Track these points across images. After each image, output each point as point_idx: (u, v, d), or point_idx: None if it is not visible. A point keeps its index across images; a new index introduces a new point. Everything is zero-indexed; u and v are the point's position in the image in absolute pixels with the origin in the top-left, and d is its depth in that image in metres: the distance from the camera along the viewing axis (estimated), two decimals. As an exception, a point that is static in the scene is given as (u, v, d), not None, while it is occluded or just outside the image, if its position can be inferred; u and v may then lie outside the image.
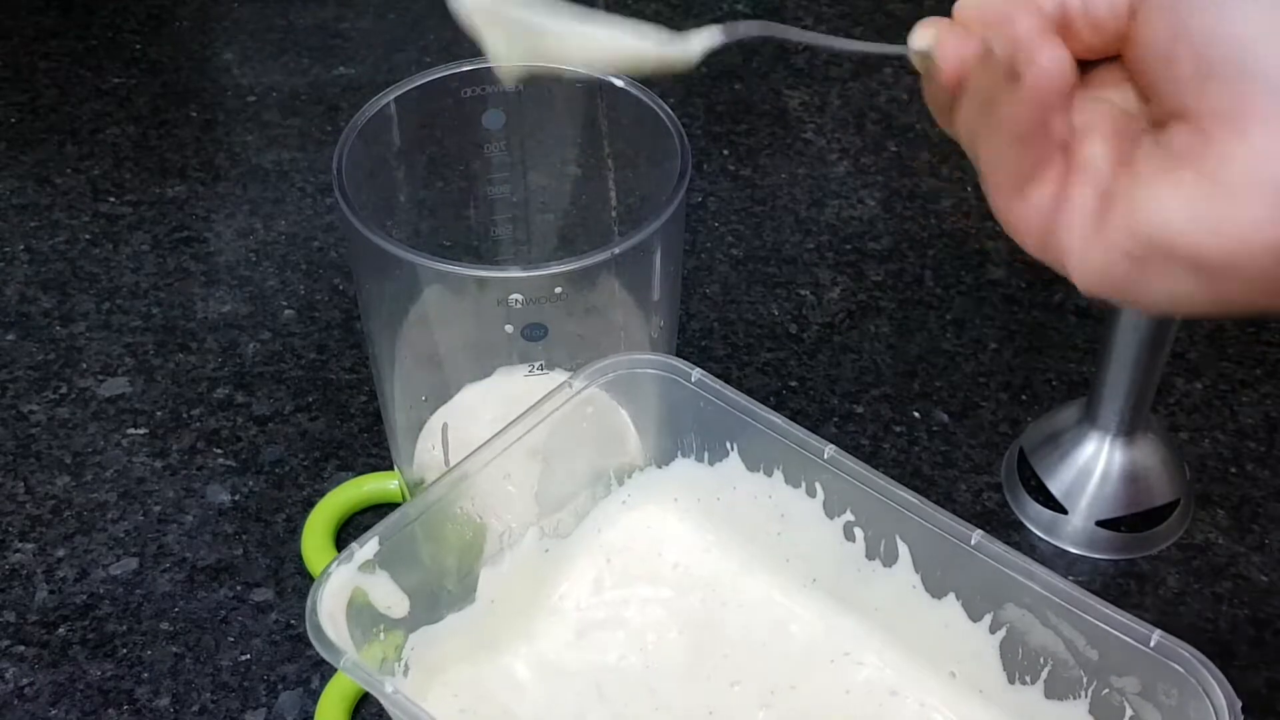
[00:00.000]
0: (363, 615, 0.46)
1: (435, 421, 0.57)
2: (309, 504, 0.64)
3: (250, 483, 0.66)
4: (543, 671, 0.50)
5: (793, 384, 0.70)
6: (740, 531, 0.54)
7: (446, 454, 0.56)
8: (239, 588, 0.62)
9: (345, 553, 0.46)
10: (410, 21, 0.93)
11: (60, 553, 0.63)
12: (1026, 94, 0.36)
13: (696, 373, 0.51)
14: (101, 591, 0.61)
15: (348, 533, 0.64)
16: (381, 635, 0.47)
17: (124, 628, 0.60)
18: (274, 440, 0.67)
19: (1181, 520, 0.64)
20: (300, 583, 0.62)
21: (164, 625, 0.60)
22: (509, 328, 0.53)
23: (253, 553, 0.63)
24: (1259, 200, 0.33)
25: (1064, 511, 0.64)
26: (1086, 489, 0.64)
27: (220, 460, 0.67)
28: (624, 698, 0.50)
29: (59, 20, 0.93)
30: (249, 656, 0.59)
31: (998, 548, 0.47)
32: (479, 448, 0.49)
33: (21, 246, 0.78)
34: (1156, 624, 0.45)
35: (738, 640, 0.52)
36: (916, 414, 0.69)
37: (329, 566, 0.45)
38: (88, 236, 0.78)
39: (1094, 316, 0.73)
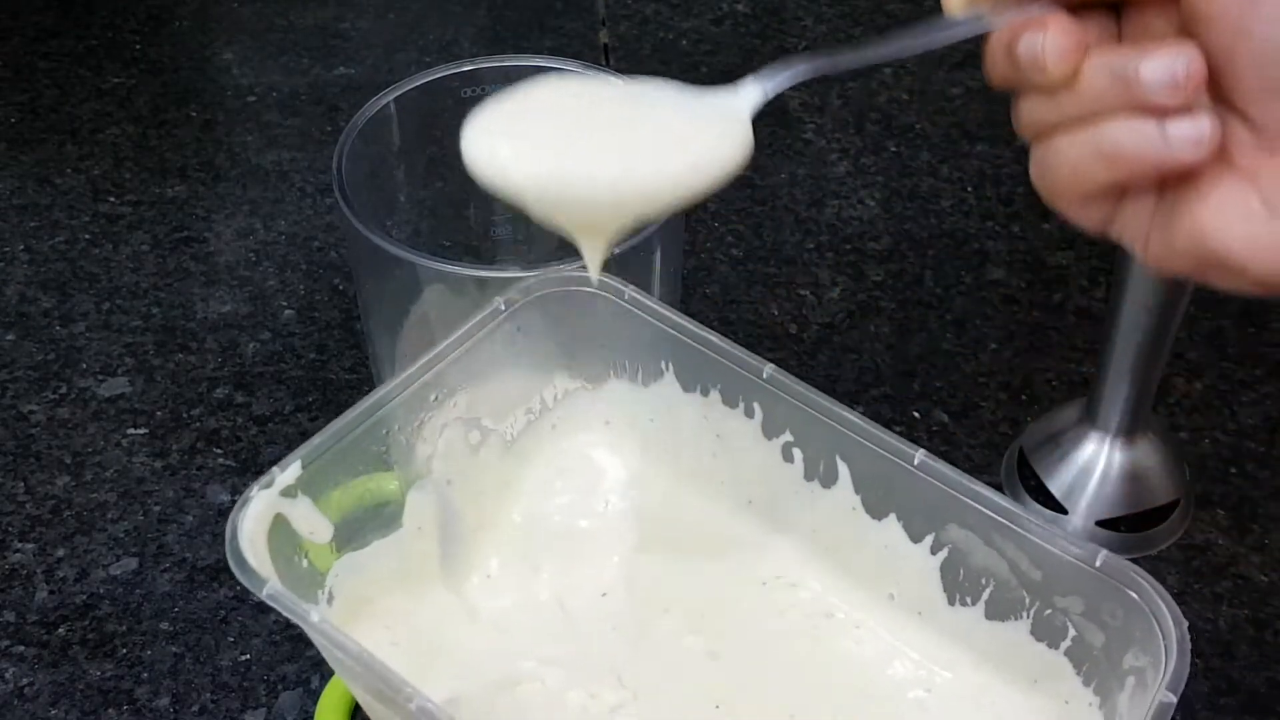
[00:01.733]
0: (284, 542, 0.44)
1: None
2: (309, 504, 0.64)
3: (250, 483, 0.65)
4: (474, 603, 0.49)
5: (793, 384, 0.70)
6: (675, 453, 0.52)
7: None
8: (239, 588, 0.61)
9: (265, 477, 0.44)
10: (410, 21, 0.93)
11: (60, 553, 0.63)
12: (1169, 145, 0.34)
13: (630, 290, 0.49)
14: (101, 591, 0.61)
15: (348, 533, 0.64)
16: (304, 562, 0.45)
17: (124, 628, 0.60)
18: (274, 440, 0.67)
19: (1181, 520, 0.64)
20: (300, 583, 0.62)
21: (164, 625, 0.60)
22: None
23: (253, 553, 0.63)
24: None
25: (1064, 511, 0.64)
26: (1086, 489, 0.64)
27: (220, 460, 0.67)
28: (555, 628, 0.49)
29: (59, 20, 0.93)
30: (249, 656, 0.59)
31: (942, 467, 0.45)
32: (409, 368, 0.47)
33: (21, 246, 0.78)
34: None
35: (671, 566, 0.50)
36: (916, 414, 0.69)
37: (248, 490, 0.43)
38: (88, 236, 0.78)
39: (1094, 316, 0.73)
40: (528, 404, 0.52)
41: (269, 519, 0.44)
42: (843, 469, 0.48)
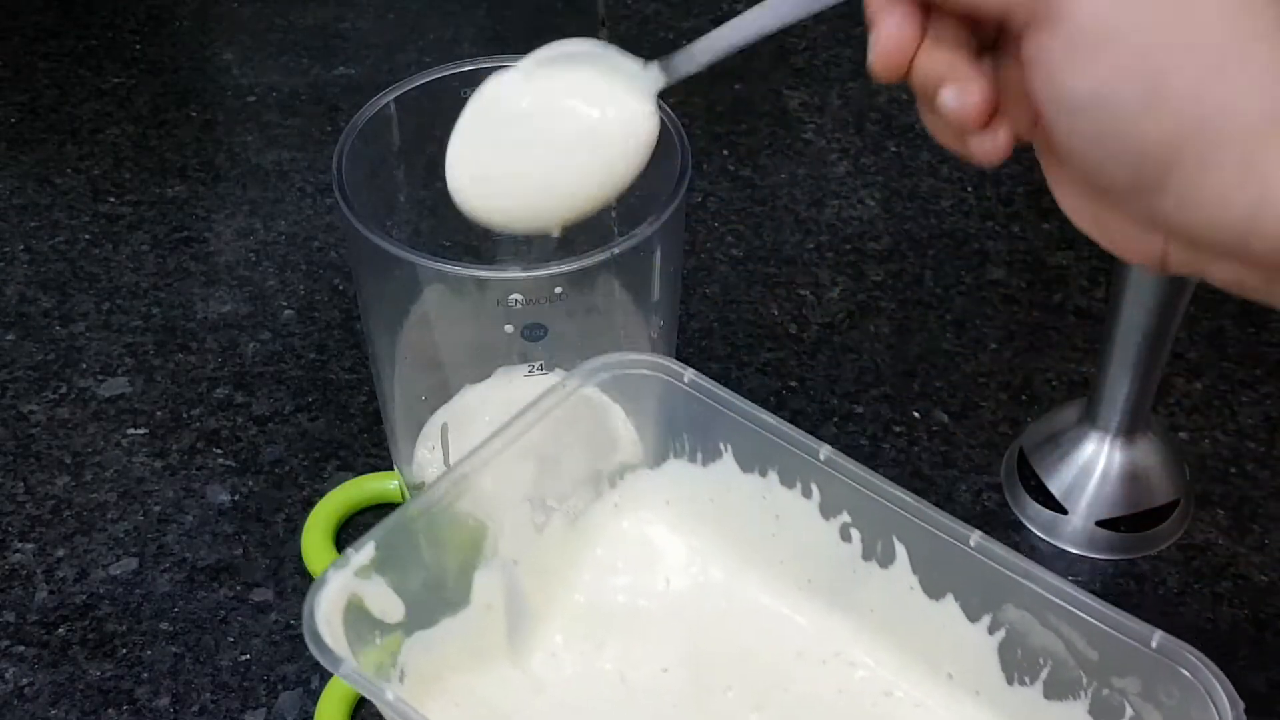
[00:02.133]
0: (359, 621, 0.46)
1: (435, 422, 0.57)
2: (309, 504, 0.64)
3: (250, 483, 0.66)
4: (540, 679, 0.50)
5: (793, 384, 0.70)
6: (734, 533, 0.53)
7: (446, 454, 0.56)
8: (239, 588, 0.61)
9: (341, 558, 0.45)
10: (410, 21, 0.93)
11: (60, 553, 0.63)
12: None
13: (689, 373, 0.51)
14: (101, 591, 0.61)
15: (347, 533, 0.64)
16: (378, 641, 0.47)
17: (124, 628, 0.60)
18: (274, 440, 0.67)
19: (1181, 520, 0.64)
20: (300, 583, 0.62)
21: (164, 625, 0.60)
22: (509, 328, 0.53)
23: (252, 553, 0.63)
24: None
25: (1064, 511, 0.64)
26: (1086, 489, 0.64)
27: (220, 460, 0.67)
28: (619, 704, 0.50)
29: (59, 20, 0.93)
30: (249, 656, 0.59)
31: (997, 549, 0.46)
32: (474, 450, 0.49)
33: (21, 246, 0.78)
34: (1156, 624, 0.45)
35: (731, 643, 0.51)
36: (916, 414, 0.69)
37: (325, 572, 0.45)
38: (88, 236, 0.78)
39: (1094, 316, 0.73)
40: (590, 484, 0.53)
41: (344, 599, 0.45)
42: (900, 549, 0.49)
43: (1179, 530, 0.64)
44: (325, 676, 0.58)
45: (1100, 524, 0.63)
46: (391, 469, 0.64)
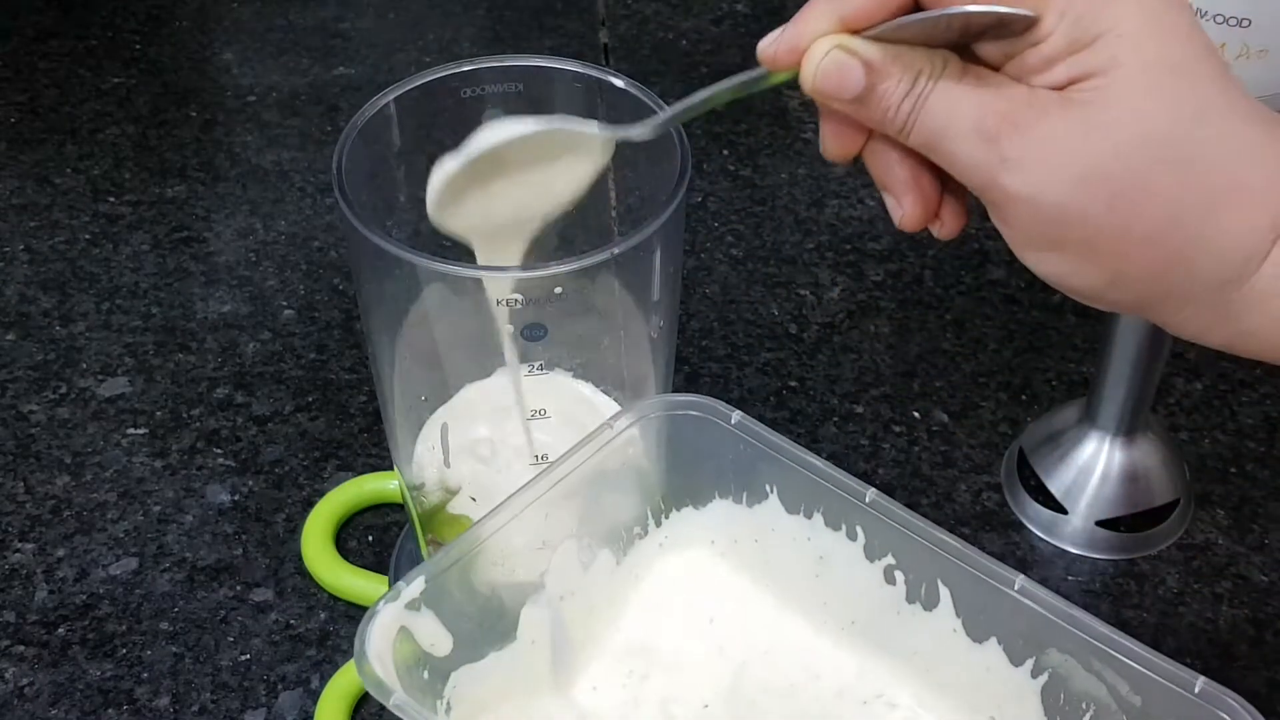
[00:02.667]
0: (407, 653, 0.46)
1: (435, 421, 0.57)
2: (309, 504, 0.64)
3: (250, 483, 0.66)
4: (583, 712, 0.50)
5: (793, 384, 0.70)
6: (778, 574, 0.53)
7: (446, 454, 0.56)
8: (239, 588, 0.61)
9: (392, 591, 0.46)
10: (410, 21, 0.93)
11: (60, 553, 0.63)
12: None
13: (736, 415, 0.51)
14: (101, 591, 0.61)
15: (347, 533, 0.64)
16: (425, 673, 0.47)
17: (124, 628, 0.60)
18: (274, 440, 0.67)
19: (1181, 520, 0.64)
20: (300, 583, 0.62)
21: (164, 625, 0.60)
22: (509, 328, 0.53)
23: (252, 553, 0.63)
24: None
25: (1064, 511, 0.64)
26: (1086, 489, 0.64)
27: (220, 460, 0.67)
28: None
29: (59, 20, 0.93)
30: (249, 656, 0.59)
31: (1041, 593, 0.46)
32: (522, 487, 0.49)
33: (21, 246, 0.78)
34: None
35: (773, 681, 0.51)
36: (916, 414, 0.69)
37: (376, 604, 0.45)
38: (88, 236, 0.78)
39: (1094, 316, 0.73)
40: (636, 523, 0.54)
41: (394, 631, 0.46)
42: (944, 592, 0.49)
43: (1179, 530, 0.64)
44: (325, 676, 0.58)
45: (1100, 524, 0.63)
46: (391, 469, 0.64)
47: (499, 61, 0.55)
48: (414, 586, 0.46)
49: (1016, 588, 0.47)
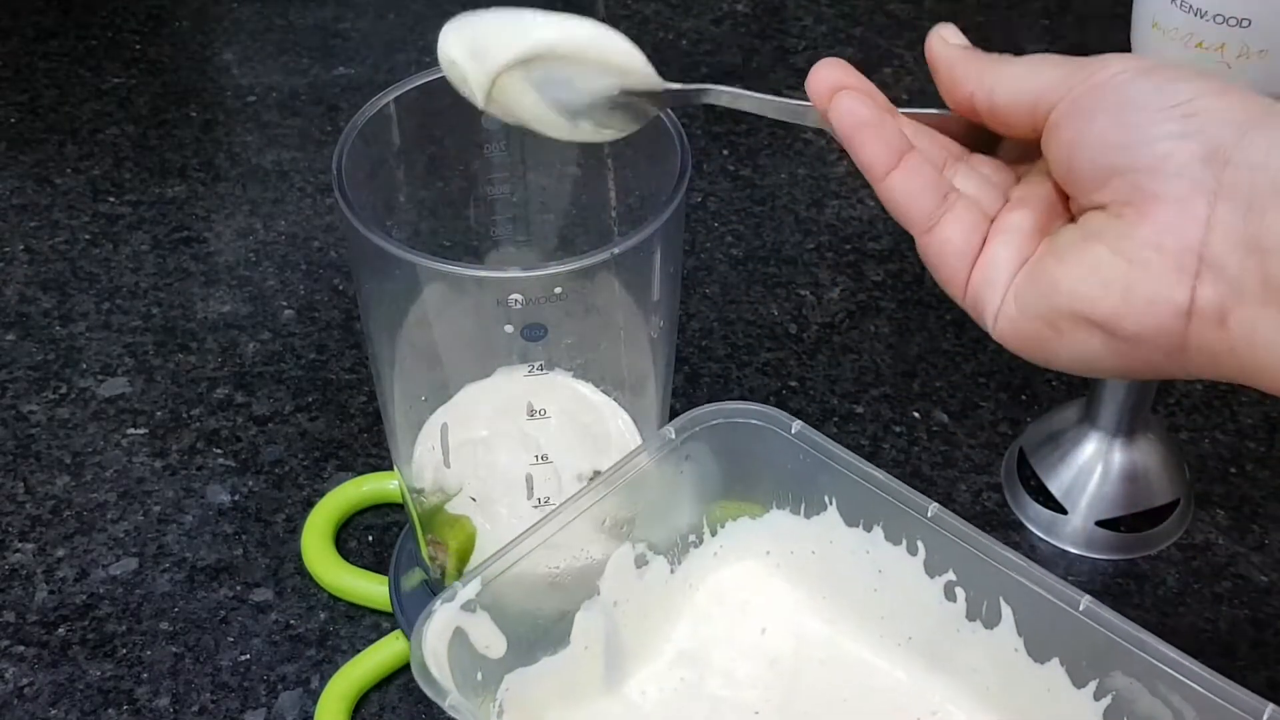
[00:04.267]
0: (462, 654, 0.46)
1: (435, 421, 0.57)
2: (309, 504, 0.64)
3: (250, 483, 0.66)
4: (634, 715, 0.50)
5: (793, 384, 0.70)
6: (834, 586, 0.53)
7: (446, 454, 0.56)
8: (239, 588, 0.61)
9: (448, 591, 0.45)
10: (410, 21, 0.93)
11: (60, 553, 0.63)
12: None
13: (797, 424, 0.51)
14: (101, 591, 0.61)
15: (347, 533, 0.64)
16: (479, 675, 0.47)
17: (124, 628, 0.60)
18: (274, 440, 0.67)
19: (1181, 520, 0.64)
20: (300, 583, 0.62)
21: (164, 625, 0.60)
22: (509, 328, 0.53)
23: (252, 553, 0.63)
24: (1164, 267, 0.38)
25: (1064, 511, 0.64)
26: (1086, 489, 0.64)
27: (220, 460, 0.67)
28: None
29: (59, 20, 0.93)
30: (249, 656, 0.59)
31: (1107, 614, 0.46)
32: (578, 491, 0.49)
33: (21, 246, 0.78)
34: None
35: (826, 694, 0.51)
36: (916, 414, 0.69)
37: (432, 604, 0.45)
38: (88, 236, 0.78)
39: (1094, 316, 0.73)
40: (692, 531, 0.53)
41: (449, 631, 0.45)
42: (1006, 610, 0.48)
43: (1179, 530, 0.64)
44: (325, 676, 0.58)
45: (1100, 524, 0.63)
46: (391, 469, 0.64)
47: (499, 61, 0.55)
48: (470, 588, 0.46)
49: (1081, 608, 0.46)
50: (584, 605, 0.50)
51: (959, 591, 0.50)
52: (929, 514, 0.49)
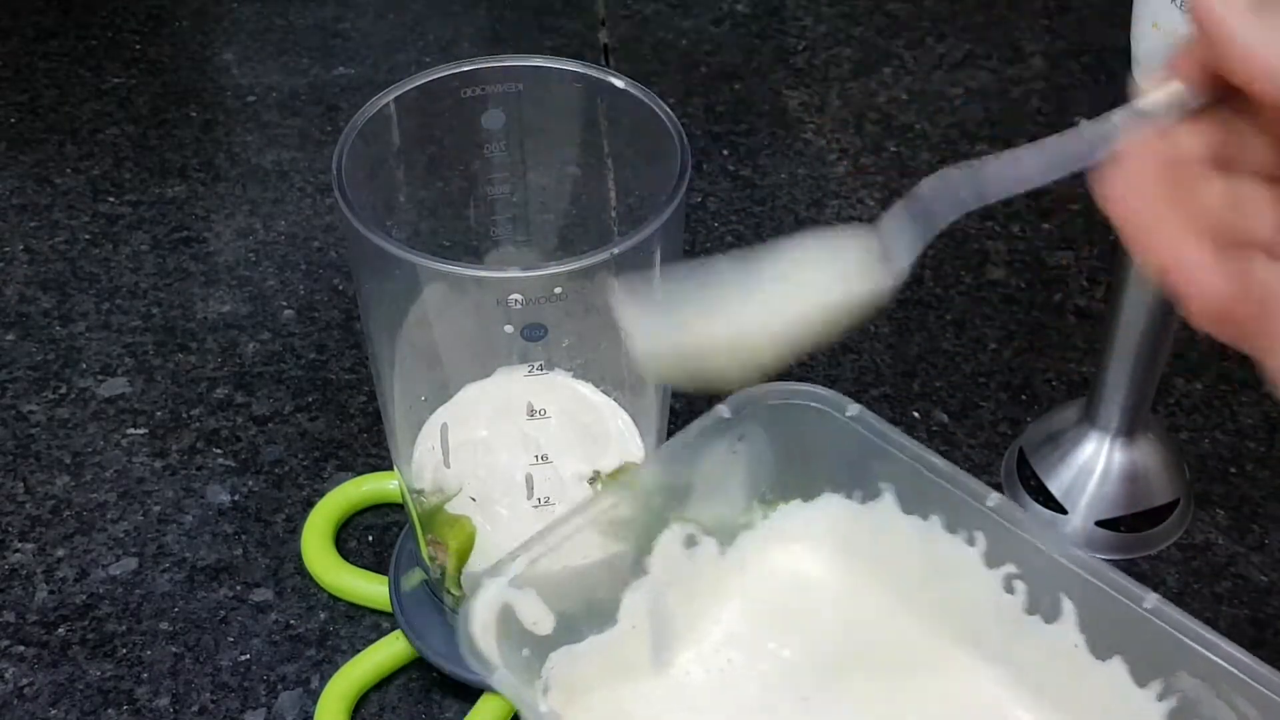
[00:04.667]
0: (509, 631, 0.45)
1: (435, 421, 0.57)
2: (309, 504, 0.64)
3: (250, 483, 0.66)
4: (679, 701, 0.49)
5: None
6: (889, 574, 0.52)
7: (446, 454, 0.56)
8: (239, 588, 0.62)
9: (496, 566, 0.45)
10: (410, 21, 0.93)
11: (60, 553, 0.63)
12: None
13: (854, 407, 0.49)
14: (101, 591, 0.61)
15: (347, 533, 0.64)
16: (525, 652, 0.46)
17: (124, 628, 0.60)
18: (274, 440, 0.67)
19: (1181, 520, 0.64)
20: (300, 583, 0.62)
21: (164, 625, 0.60)
22: (509, 328, 0.53)
23: (252, 553, 0.63)
24: None
25: (1064, 511, 0.64)
26: (1086, 489, 0.64)
27: (220, 460, 0.67)
28: None
29: (59, 20, 0.93)
30: (249, 656, 0.59)
31: (1175, 613, 0.44)
32: (629, 471, 0.48)
33: (21, 246, 0.78)
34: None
35: (876, 681, 0.50)
36: (916, 414, 0.69)
37: (480, 579, 0.44)
38: (88, 236, 0.78)
39: (1094, 316, 0.73)
40: (743, 513, 0.52)
41: (497, 607, 0.45)
42: (1067, 605, 0.47)
43: (1179, 530, 0.64)
44: (325, 676, 0.58)
45: (1100, 524, 0.63)
46: (391, 469, 0.64)
47: (499, 61, 0.55)
48: (518, 564, 0.45)
49: (1148, 606, 0.44)
50: (632, 585, 0.49)
51: (1018, 585, 0.48)
52: (990, 504, 0.47)
